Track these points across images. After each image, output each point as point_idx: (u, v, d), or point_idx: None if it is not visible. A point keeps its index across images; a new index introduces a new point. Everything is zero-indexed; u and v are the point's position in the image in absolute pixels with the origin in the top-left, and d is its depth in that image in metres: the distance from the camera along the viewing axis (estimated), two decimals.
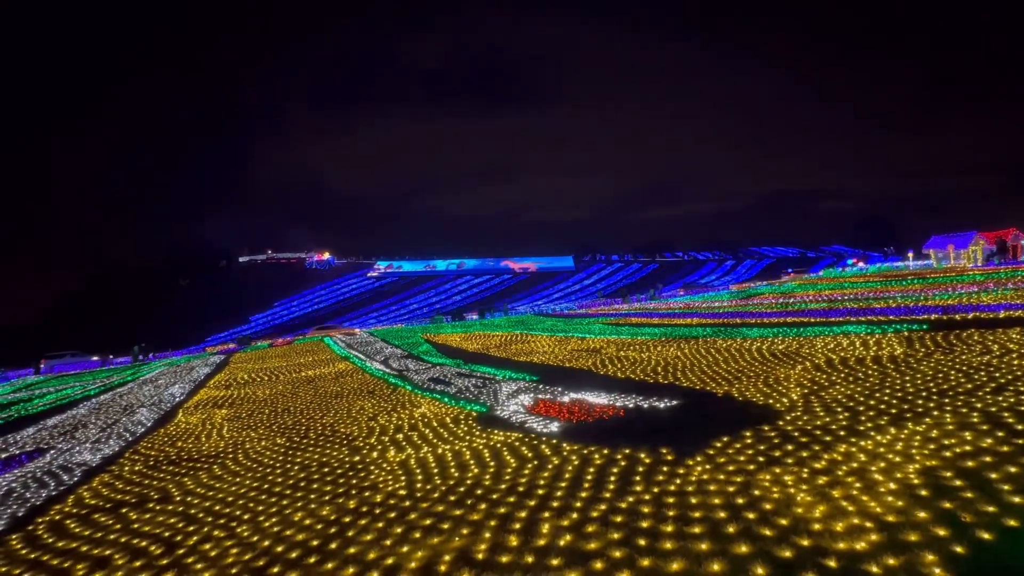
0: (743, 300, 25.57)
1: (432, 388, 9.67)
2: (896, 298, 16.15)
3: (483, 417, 6.82)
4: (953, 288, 17.10)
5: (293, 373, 15.19)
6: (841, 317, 13.66)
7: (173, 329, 58.05)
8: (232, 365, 20.10)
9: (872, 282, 23.84)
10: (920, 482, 3.48)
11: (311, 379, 13.35)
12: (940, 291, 16.66)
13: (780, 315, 16.15)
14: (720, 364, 8.67)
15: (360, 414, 8.02)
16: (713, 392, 6.67)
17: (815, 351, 8.78)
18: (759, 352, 9.40)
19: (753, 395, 6.21)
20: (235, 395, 11.93)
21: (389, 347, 20.37)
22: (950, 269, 25.76)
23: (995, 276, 18.54)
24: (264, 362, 19.94)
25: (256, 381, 14.31)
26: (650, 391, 7.19)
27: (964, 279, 19.11)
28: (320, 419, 8.00)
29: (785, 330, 12.25)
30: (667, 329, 16.34)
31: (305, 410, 8.98)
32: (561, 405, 6.82)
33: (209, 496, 5.00)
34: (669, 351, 11.05)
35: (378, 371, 13.32)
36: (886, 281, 23.17)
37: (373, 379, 12.14)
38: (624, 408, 6.32)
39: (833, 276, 31.87)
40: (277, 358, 20.99)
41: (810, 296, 21.58)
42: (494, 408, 7.23)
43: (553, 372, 10.17)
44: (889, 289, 19.82)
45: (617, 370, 9.36)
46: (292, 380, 13.62)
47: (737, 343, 11.10)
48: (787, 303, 19.88)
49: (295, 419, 8.27)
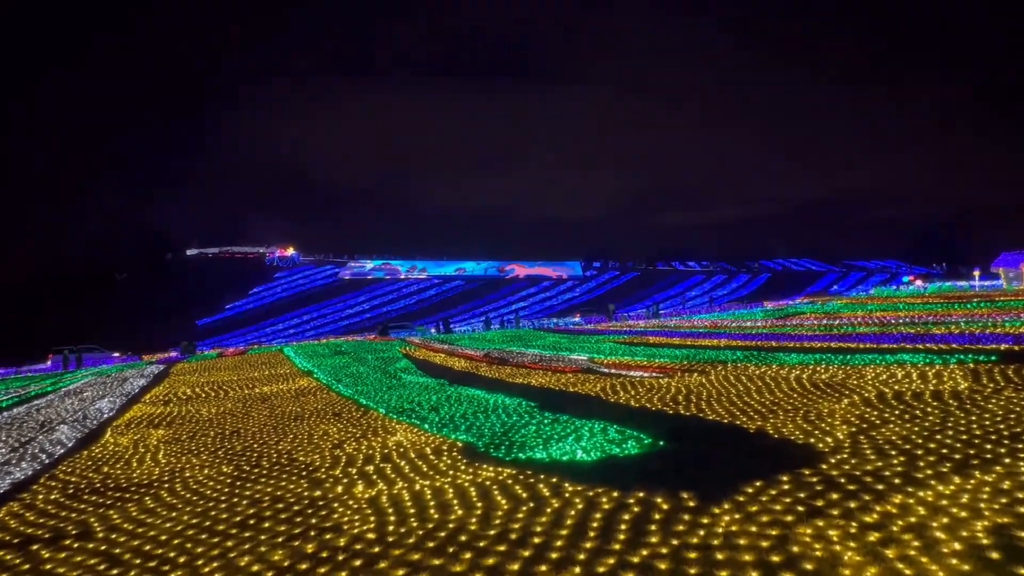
0: (780, 320, 25.65)
1: (410, 412, 9.62)
2: (960, 323, 16.22)
3: (470, 448, 6.78)
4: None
5: (245, 389, 15.18)
6: (895, 343, 13.70)
7: (104, 330, 57.77)
8: (173, 377, 20.02)
9: (931, 304, 23.95)
10: (990, 542, 3.45)
11: (266, 397, 13.33)
12: (1012, 316, 16.74)
13: (824, 339, 16.19)
14: (752, 394, 8.68)
15: (323, 440, 7.97)
16: (744, 427, 6.65)
17: (864, 383, 8.79)
18: (798, 382, 9.42)
19: (791, 432, 6.19)
20: (175, 413, 11.85)
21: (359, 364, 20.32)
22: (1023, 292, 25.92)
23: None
24: (211, 375, 19.87)
25: (200, 397, 14.25)
26: (671, 424, 7.16)
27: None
28: (275, 445, 7.94)
29: (830, 357, 12.27)
30: (690, 351, 16.34)
31: (258, 433, 8.94)
32: None
33: (138, 533, 4.91)
34: (692, 377, 11.05)
35: (347, 390, 13.27)
36: (947, 303, 23.28)
37: (340, 399, 12.12)
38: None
39: (885, 295, 32.02)
40: (226, 370, 20.95)
41: (858, 318, 21.66)
42: (483, 437, 7.19)
43: (554, 397, 10.17)
44: (951, 312, 19.92)
45: (631, 397, 9.36)
46: (244, 397, 13.58)
47: (773, 370, 11.11)
48: (831, 325, 19.94)
49: (245, 444, 8.22)
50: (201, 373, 20.83)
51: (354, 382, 15.03)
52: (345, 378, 16.06)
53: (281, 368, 20.36)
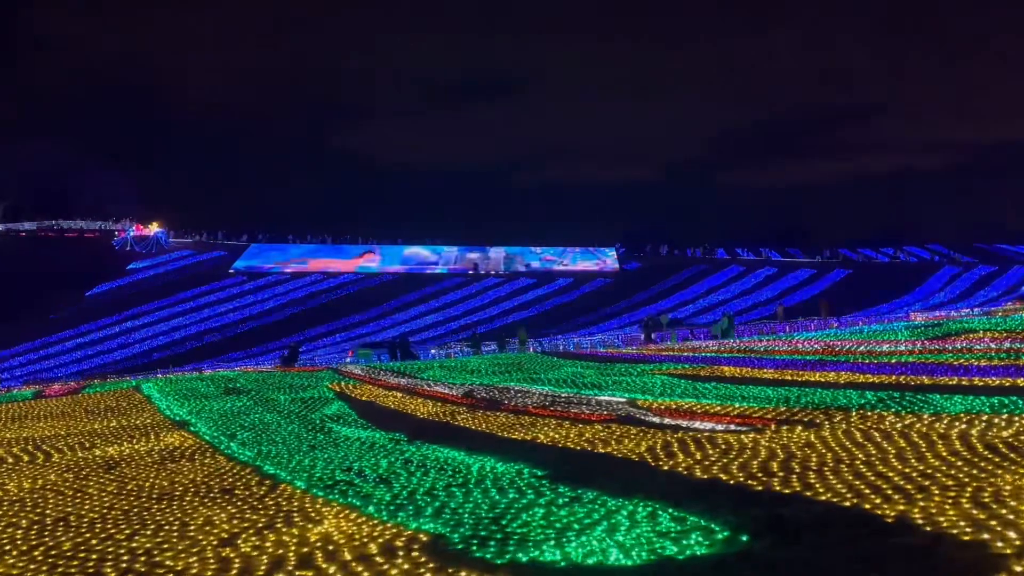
0: (936, 340, 25.70)
1: (346, 486, 9.62)
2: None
3: (439, 545, 6.74)
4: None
5: (79, 450, 15.16)
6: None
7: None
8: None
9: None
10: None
11: (113, 463, 13.29)
12: None
13: (1006, 372, 16.19)
14: (891, 460, 8.68)
15: (205, 534, 7.91)
16: (878, 514, 6.63)
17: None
18: (963, 441, 9.42)
19: (953, 523, 6.17)
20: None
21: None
22: None
23: None
24: (23, 427, 19.82)
25: (6, 463, 14.19)
26: (758, 508, 7.14)
27: None
28: (127, 542, 7.87)
29: (1016, 401, 12.25)
30: (792, 390, 16.34)
31: (99, 523, 8.86)
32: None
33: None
34: (795, 432, 11.04)
35: (245, 452, 13.25)
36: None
37: (233, 465, 12.10)
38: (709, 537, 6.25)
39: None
40: (49, 420, 20.88)
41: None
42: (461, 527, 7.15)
43: (575, 462, 10.19)
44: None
45: (695, 464, 9.36)
46: (76, 463, 13.53)
47: (924, 422, 11.10)
48: (1019, 351, 19.99)
49: (78, 540, 8.13)
50: (7, 424, 20.74)
51: (256, 438, 15.01)
52: (242, 432, 16.03)
53: (138, 416, 20.29)
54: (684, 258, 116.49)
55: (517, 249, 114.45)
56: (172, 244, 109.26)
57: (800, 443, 10.16)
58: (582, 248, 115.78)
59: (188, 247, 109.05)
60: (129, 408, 22.28)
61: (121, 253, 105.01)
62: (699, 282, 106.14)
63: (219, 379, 31.10)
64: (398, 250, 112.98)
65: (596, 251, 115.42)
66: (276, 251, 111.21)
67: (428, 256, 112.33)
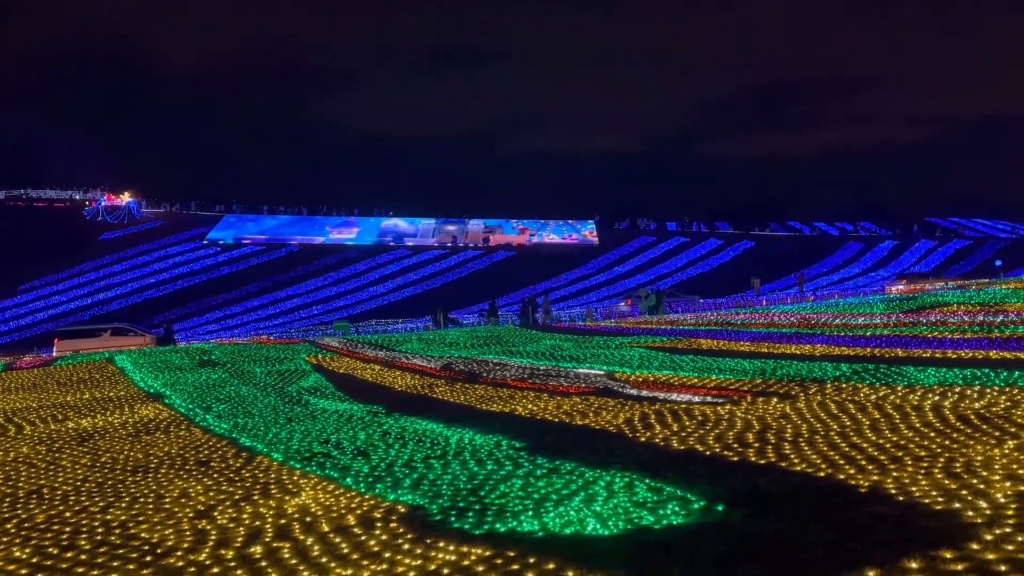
0: (910, 313, 25.95)
1: (323, 458, 9.62)
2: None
3: (418, 516, 6.77)
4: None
5: (52, 423, 15.09)
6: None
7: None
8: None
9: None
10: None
11: (87, 435, 13.24)
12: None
13: (979, 345, 16.40)
14: (865, 432, 8.78)
15: (180, 506, 7.91)
16: (851, 484, 6.72)
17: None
18: (938, 412, 9.54)
19: (926, 493, 6.27)
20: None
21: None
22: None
23: None
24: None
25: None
26: (734, 478, 7.20)
27: None
28: (101, 514, 7.86)
29: (988, 373, 12.40)
30: (767, 362, 16.47)
31: (73, 495, 8.87)
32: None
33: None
34: (770, 403, 11.14)
35: (221, 425, 13.22)
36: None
37: (209, 438, 12.09)
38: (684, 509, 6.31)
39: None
40: (20, 392, 20.81)
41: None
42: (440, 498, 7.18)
43: (553, 434, 10.22)
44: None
45: (672, 435, 9.43)
46: (49, 435, 13.50)
47: (897, 393, 11.24)
48: (991, 324, 20.24)
49: (52, 512, 8.13)
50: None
51: (232, 411, 14.98)
52: (217, 404, 16.00)
53: (112, 388, 20.18)
54: (664, 231, 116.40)
55: (495, 221, 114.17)
56: (145, 215, 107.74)
57: (776, 414, 10.26)
58: (561, 221, 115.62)
59: (160, 218, 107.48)
60: (102, 380, 22.14)
61: (92, 223, 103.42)
62: (678, 255, 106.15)
63: (193, 351, 30.98)
64: (376, 222, 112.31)
65: (575, 224, 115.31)
66: (251, 222, 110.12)
67: (406, 227, 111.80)
